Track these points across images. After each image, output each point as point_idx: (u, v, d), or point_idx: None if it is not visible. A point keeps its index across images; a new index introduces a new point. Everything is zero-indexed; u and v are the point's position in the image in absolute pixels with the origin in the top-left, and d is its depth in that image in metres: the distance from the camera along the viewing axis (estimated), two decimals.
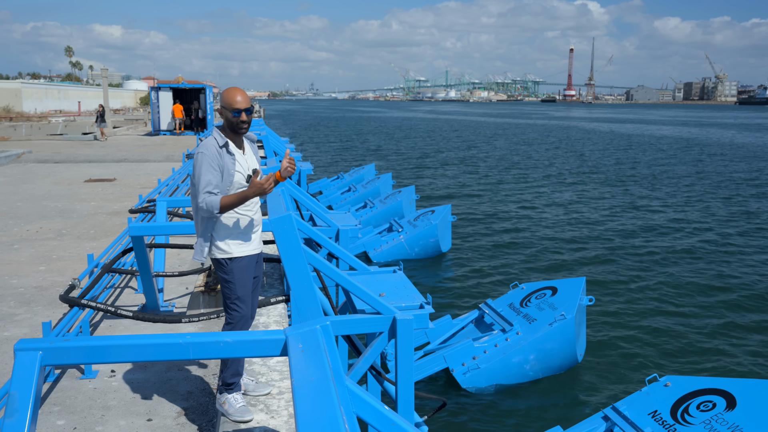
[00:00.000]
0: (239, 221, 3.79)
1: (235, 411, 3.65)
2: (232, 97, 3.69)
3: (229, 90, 3.75)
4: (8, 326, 5.36)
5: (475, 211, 19.06)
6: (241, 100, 3.69)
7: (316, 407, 1.89)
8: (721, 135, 59.84)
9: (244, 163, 3.78)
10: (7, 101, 53.17)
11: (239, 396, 3.73)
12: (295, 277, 4.37)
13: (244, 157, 3.80)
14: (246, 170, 3.77)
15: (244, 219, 3.81)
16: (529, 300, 7.90)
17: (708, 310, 10.23)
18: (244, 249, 3.80)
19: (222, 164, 3.65)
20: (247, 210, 3.82)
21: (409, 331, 4.11)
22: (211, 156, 3.64)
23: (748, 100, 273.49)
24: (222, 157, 3.67)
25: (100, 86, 73.02)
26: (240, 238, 3.80)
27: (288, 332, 2.37)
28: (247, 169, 3.78)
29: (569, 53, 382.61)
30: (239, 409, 3.66)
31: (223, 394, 3.72)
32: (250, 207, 3.84)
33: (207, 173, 3.61)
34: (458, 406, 7.03)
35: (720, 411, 4.90)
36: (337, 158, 35.53)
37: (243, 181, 3.74)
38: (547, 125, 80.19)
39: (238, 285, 3.77)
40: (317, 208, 8.77)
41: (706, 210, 19.32)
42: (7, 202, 11.77)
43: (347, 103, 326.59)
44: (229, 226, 3.77)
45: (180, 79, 34.25)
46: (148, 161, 19.38)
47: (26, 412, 2.16)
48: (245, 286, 3.80)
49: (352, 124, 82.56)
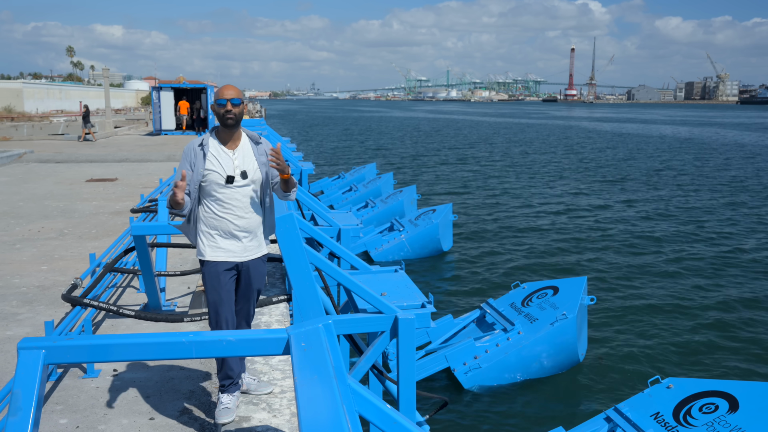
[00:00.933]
0: (217, 224, 3.67)
1: (216, 411, 3.66)
2: (220, 90, 3.67)
3: (221, 87, 3.74)
4: (11, 325, 5.37)
5: (476, 210, 19.06)
6: (228, 92, 3.63)
7: (318, 406, 1.89)
8: (723, 135, 59.77)
9: (229, 163, 3.62)
10: (8, 101, 53.28)
11: (228, 397, 3.69)
12: (296, 276, 4.38)
13: (233, 157, 3.64)
14: (230, 170, 3.61)
15: (222, 222, 3.66)
16: (530, 299, 7.90)
17: (711, 312, 10.21)
18: (216, 254, 3.66)
19: (194, 162, 3.61)
20: (226, 213, 3.65)
21: (411, 331, 4.11)
22: (186, 153, 3.67)
23: (750, 99, 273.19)
24: (196, 155, 3.63)
25: (101, 86, 73.09)
26: (214, 242, 3.67)
27: (290, 331, 2.37)
28: (233, 169, 3.61)
29: (570, 53, 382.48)
30: (220, 411, 3.64)
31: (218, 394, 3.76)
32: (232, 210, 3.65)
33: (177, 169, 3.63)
34: (460, 405, 7.03)
35: (722, 413, 4.90)
36: (338, 158, 35.53)
37: (220, 180, 3.60)
38: (549, 125, 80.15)
39: (208, 290, 3.69)
40: (319, 207, 8.78)
41: (709, 210, 19.30)
42: (8, 201, 11.78)
43: (348, 102, 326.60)
44: (207, 227, 3.69)
45: (181, 79, 34.25)
46: (149, 161, 19.39)
47: (29, 410, 2.16)
48: (216, 292, 3.66)
49: (354, 123, 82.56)
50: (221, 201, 3.65)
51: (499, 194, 22.26)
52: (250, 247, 3.74)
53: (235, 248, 3.69)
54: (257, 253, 3.79)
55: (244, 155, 3.68)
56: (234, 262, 3.70)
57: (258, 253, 3.80)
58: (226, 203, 3.65)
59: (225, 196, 3.64)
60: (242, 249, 3.71)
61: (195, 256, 7.83)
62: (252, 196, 3.71)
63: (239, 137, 3.72)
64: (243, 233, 3.69)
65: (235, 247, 3.69)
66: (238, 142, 3.71)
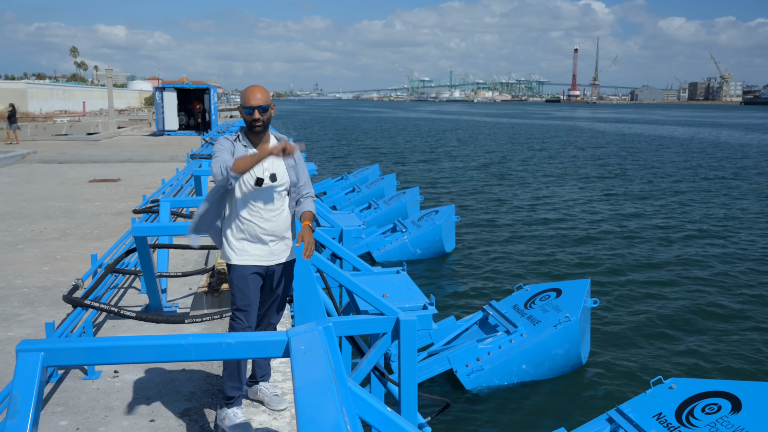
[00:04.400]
0: (244, 227, 3.59)
1: (234, 427, 3.53)
2: (246, 94, 3.54)
3: (247, 87, 3.59)
4: (12, 326, 5.37)
5: (479, 211, 19.03)
6: (255, 97, 3.51)
7: (317, 409, 1.87)
8: (728, 135, 59.62)
9: (259, 165, 3.55)
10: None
11: (239, 411, 3.61)
12: (298, 277, 4.36)
13: None
14: (259, 172, 3.55)
15: (249, 225, 3.59)
16: (533, 302, 7.87)
17: (714, 312, 10.17)
18: (243, 258, 3.59)
19: (234, 152, 3.50)
20: (254, 215, 3.58)
21: (413, 332, 4.09)
22: (223, 143, 3.55)
23: (754, 100, 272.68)
24: (234, 146, 3.54)
25: (104, 86, 73.21)
26: (241, 245, 3.59)
27: (290, 333, 2.35)
28: (262, 171, 3.55)
29: (573, 53, 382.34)
30: (239, 425, 3.53)
31: (223, 409, 3.62)
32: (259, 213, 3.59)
33: (220, 154, 3.47)
34: (462, 407, 7.01)
35: (725, 414, 4.87)
36: (341, 159, 35.53)
37: (250, 181, 3.54)
38: (552, 125, 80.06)
39: (237, 295, 3.60)
40: (321, 208, 8.77)
41: (712, 211, 19.25)
42: (11, 202, 11.80)
43: (351, 103, 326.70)
44: (234, 230, 3.61)
45: (184, 80, 34.33)
46: (152, 161, 19.41)
47: (28, 413, 2.15)
48: (245, 297, 3.59)
49: (357, 124, 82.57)
50: (250, 203, 3.58)
51: (502, 196, 22.23)
52: (276, 251, 3.67)
53: (262, 252, 3.62)
54: (285, 257, 3.72)
55: (272, 158, 3.58)
56: (261, 266, 3.63)
57: (285, 257, 3.72)
58: (254, 206, 3.58)
59: (254, 199, 3.57)
60: (269, 253, 3.64)
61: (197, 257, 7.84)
62: (279, 199, 3.65)
63: (268, 140, 3.66)
64: (270, 237, 3.62)
65: (262, 251, 3.62)
66: (267, 144, 3.63)
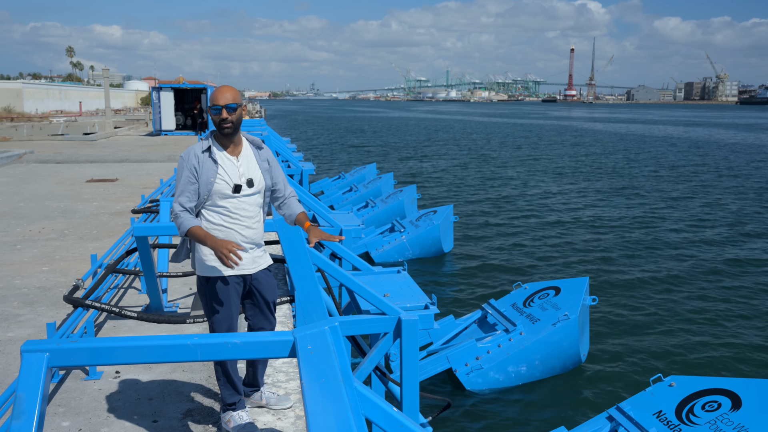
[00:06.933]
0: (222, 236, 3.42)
1: (238, 428, 3.48)
2: (215, 93, 3.38)
3: (217, 87, 3.43)
4: (12, 327, 5.35)
5: (477, 210, 19.05)
6: (224, 96, 3.34)
7: (327, 409, 1.87)
8: (724, 135, 59.76)
9: (235, 171, 3.41)
10: (8, 101, 53.24)
11: (244, 413, 3.55)
12: (299, 277, 4.37)
13: (237, 165, 3.44)
14: (236, 178, 3.41)
15: (229, 234, 3.43)
16: (532, 300, 7.88)
17: (713, 310, 10.20)
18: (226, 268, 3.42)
19: (200, 171, 3.36)
20: (233, 223, 3.44)
21: (415, 332, 4.09)
22: (188, 161, 3.39)
23: (749, 100, 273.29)
24: (201, 163, 3.37)
25: (101, 86, 73.06)
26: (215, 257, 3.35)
27: (296, 333, 2.35)
28: (239, 177, 3.41)
29: (570, 53, 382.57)
30: (244, 426, 3.48)
31: (228, 413, 3.55)
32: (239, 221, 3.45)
33: (182, 182, 3.36)
34: (462, 406, 7.01)
35: (725, 411, 4.89)
36: (338, 158, 35.51)
37: (227, 190, 3.38)
38: (548, 125, 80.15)
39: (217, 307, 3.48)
40: (320, 208, 8.77)
41: (710, 208, 19.30)
42: (9, 202, 11.76)
43: (348, 103, 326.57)
44: None
45: (181, 80, 34.22)
46: (149, 161, 19.37)
47: (33, 414, 2.15)
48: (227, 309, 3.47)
49: (353, 124, 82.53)
50: (228, 211, 3.44)
51: (500, 195, 22.25)
52: (257, 258, 3.57)
53: (245, 260, 3.47)
54: (264, 263, 3.62)
55: (248, 162, 3.48)
56: (243, 275, 3.51)
57: (265, 263, 3.63)
58: (234, 214, 3.44)
59: (232, 206, 3.43)
60: (250, 260, 3.52)
61: None
62: (258, 205, 3.54)
63: (240, 142, 3.51)
64: (250, 244, 3.51)
65: (245, 258, 3.47)
66: (239, 147, 3.49)
